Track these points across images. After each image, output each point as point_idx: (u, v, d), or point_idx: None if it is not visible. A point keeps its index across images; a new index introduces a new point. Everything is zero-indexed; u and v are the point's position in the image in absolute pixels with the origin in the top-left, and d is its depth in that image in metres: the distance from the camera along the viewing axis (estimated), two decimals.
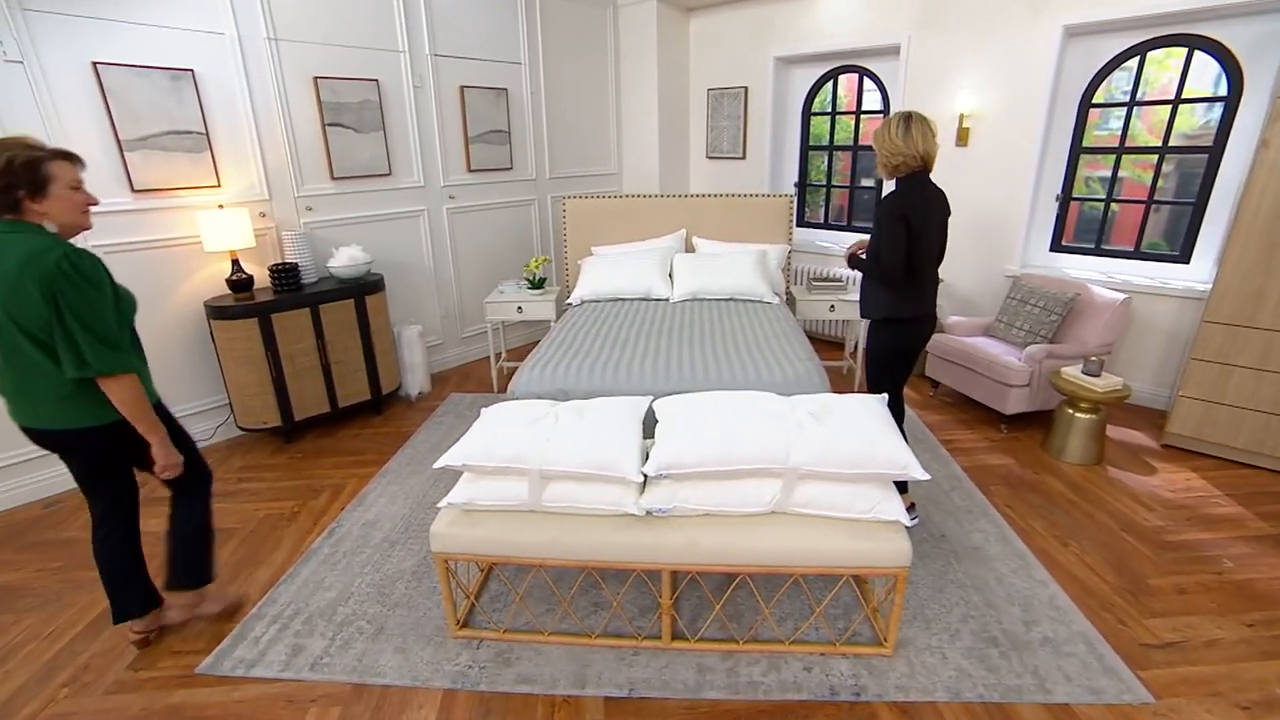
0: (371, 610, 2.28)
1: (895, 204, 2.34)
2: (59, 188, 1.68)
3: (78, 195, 1.74)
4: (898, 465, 1.91)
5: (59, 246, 1.64)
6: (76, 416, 1.78)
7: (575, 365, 2.65)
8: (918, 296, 2.46)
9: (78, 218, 1.75)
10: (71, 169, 1.73)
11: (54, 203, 1.68)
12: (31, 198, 1.65)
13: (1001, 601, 2.27)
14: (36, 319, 1.63)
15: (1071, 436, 3.21)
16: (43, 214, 1.67)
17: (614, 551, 1.96)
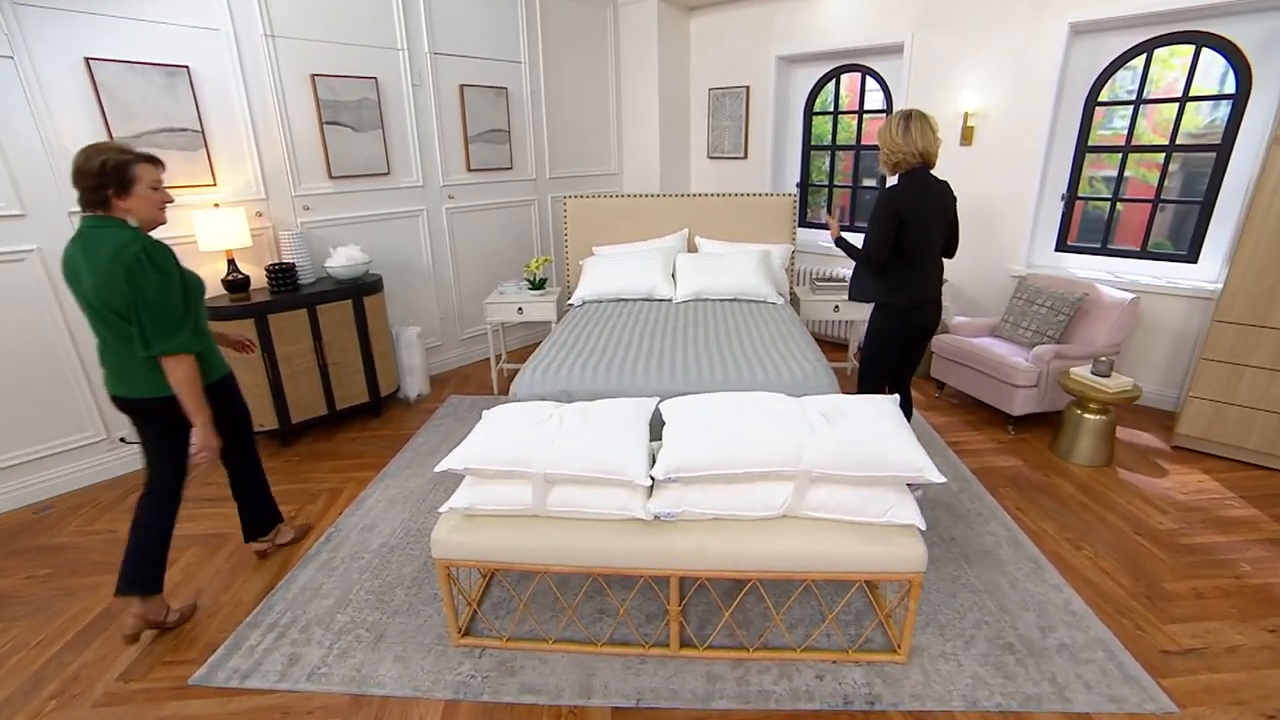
0: (370, 618, 2.22)
1: (891, 199, 2.47)
2: (141, 187, 1.88)
3: (156, 194, 1.94)
4: (913, 468, 1.86)
5: (139, 239, 1.85)
6: (146, 385, 2.00)
7: (579, 366, 2.60)
8: (911, 284, 2.58)
9: (155, 214, 1.95)
10: (154, 171, 1.93)
11: (136, 200, 1.88)
12: (118, 195, 1.85)
13: (1016, 607, 2.22)
14: (124, 302, 1.85)
15: (1081, 438, 3.16)
16: (126, 210, 1.87)
17: (620, 557, 1.90)
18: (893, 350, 2.72)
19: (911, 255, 2.52)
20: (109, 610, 2.28)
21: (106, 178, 1.82)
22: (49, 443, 3.03)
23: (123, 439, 3.24)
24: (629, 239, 4.15)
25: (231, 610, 2.28)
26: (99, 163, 1.80)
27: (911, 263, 2.54)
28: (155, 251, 1.86)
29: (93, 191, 1.83)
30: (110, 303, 1.86)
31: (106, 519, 2.86)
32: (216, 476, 3.20)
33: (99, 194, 1.83)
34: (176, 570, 2.50)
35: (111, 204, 1.85)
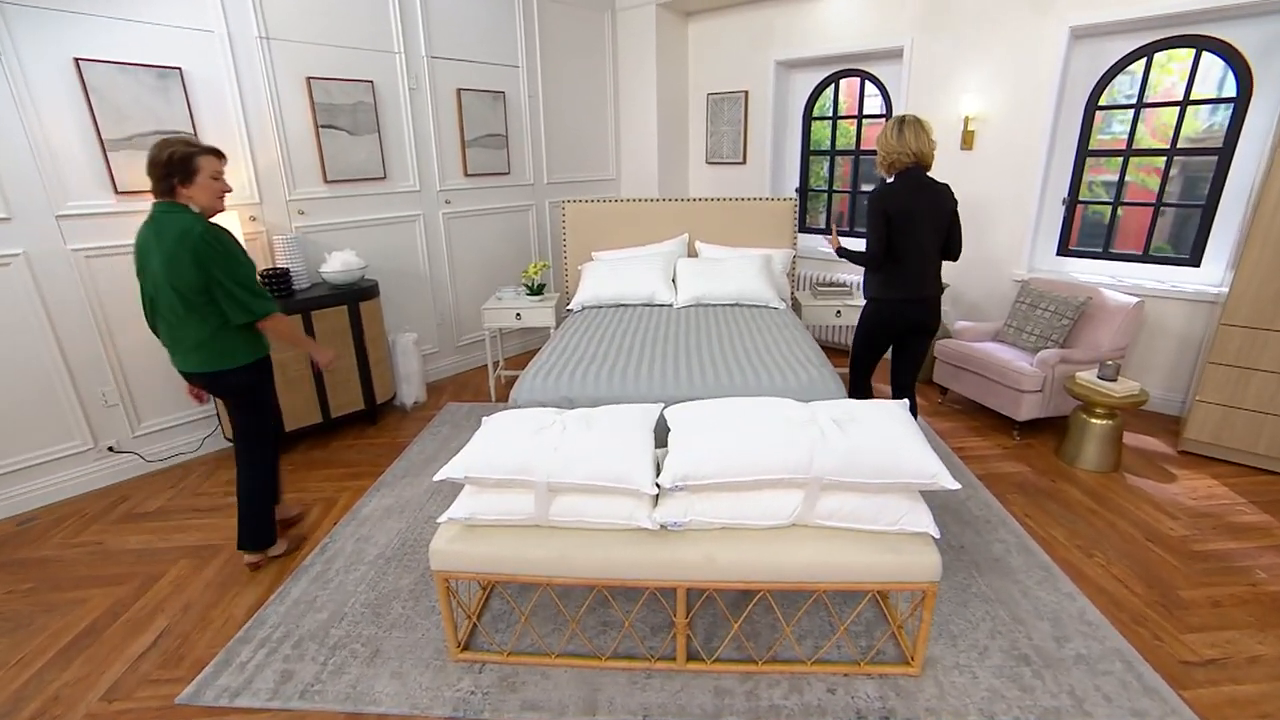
0: (366, 632, 2.14)
1: (878, 199, 2.64)
2: (203, 177, 2.07)
3: (216, 184, 2.12)
4: (927, 474, 1.81)
5: (200, 223, 2.05)
6: (217, 360, 2.20)
7: (580, 372, 2.54)
8: (899, 279, 2.71)
9: (215, 202, 2.14)
10: (216, 162, 2.11)
11: (198, 189, 2.08)
12: (182, 184, 2.05)
13: (1029, 616, 2.17)
14: (188, 283, 2.05)
15: (1087, 443, 3.12)
16: (189, 197, 2.07)
17: (626, 568, 1.84)
18: (879, 342, 2.88)
19: (899, 252, 2.66)
20: (93, 626, 2.20)
21: (173, 168, 2.02)
22: (34, 452, 2.95)
23: (111, 448, 3.16)
24: (628, 244, 4.10)
25: (222, 625, 2.20)
26: (167, 154, 2.01)
27: (899, 259, 2.67)
28: (218, 234, 2.07)
29: (161, 180, 2.04)
30: (178, 283, 2.06)
31: (92, 530, 2.77)
32: (208, 486, 3.13)
33: (166, 182, 2.04)
34: (165, 582, 2.42)
35: (177, 191, 2.06)
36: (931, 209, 2.63)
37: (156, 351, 3.24)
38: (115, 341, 3.11)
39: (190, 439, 3.42)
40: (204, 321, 2.14)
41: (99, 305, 3.03)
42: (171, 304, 2.11)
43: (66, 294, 2.94)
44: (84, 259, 2.96)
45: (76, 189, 2.91)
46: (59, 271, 2.90)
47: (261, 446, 2.43)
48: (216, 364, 2.20)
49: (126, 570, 2.50)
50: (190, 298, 2.08)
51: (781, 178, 5.20)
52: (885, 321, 2.81)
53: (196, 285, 2.06)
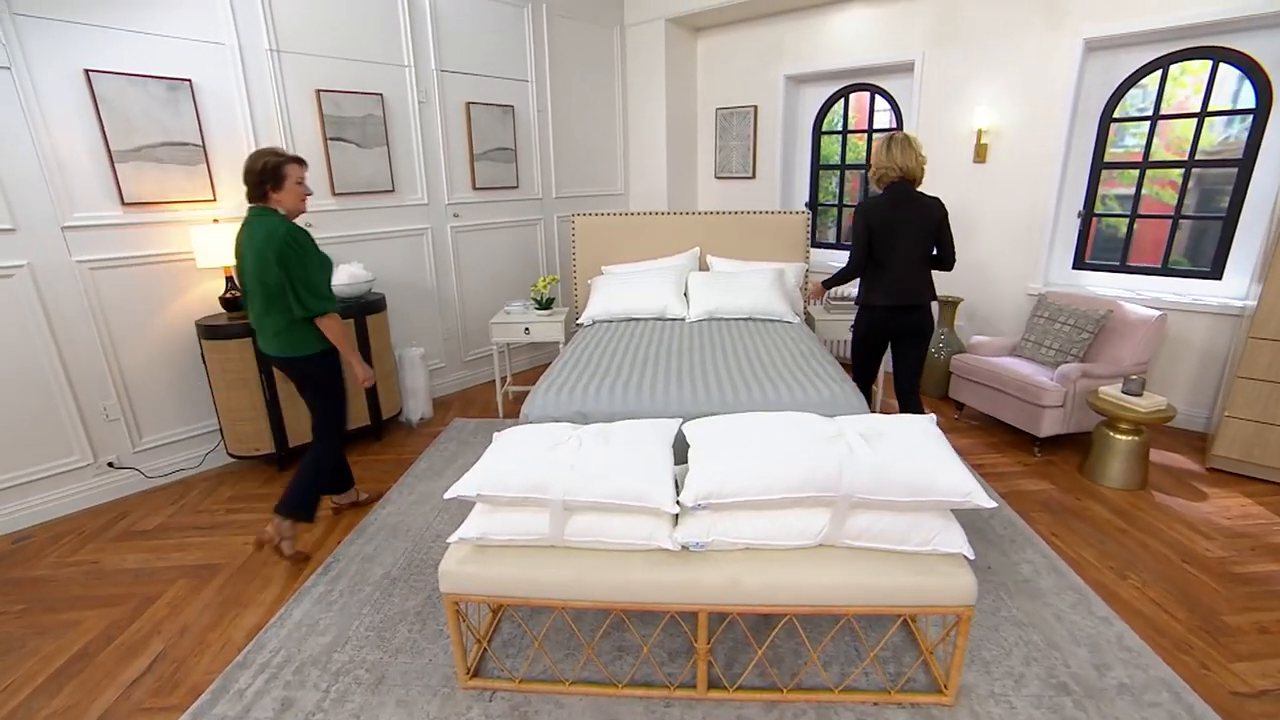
0: (371, 657, 2.05)
1: (860, 211, 2.83)
2: (290, 183, 2.34)
3: (300, 188, 2.39)
4: (960, 492, 1.73)
5: (285, 225, 2.30)
6: (291, 347, 2.44)
7: (594, 386, 2.47)
8: (883, 285, 2.85)
9: (298, 205, 2.41)
10: (300, 170, 2.38)
11: (285, 194, 2.34)
12: (273, 189, 2.32)
13: (1065, 642, 2.06)
14: (271, 278, 2.30)
15: (1112, 460, 3.03)
16: (278, 201, 2.34)
17: (646, 591, 1.75)
18: (872, 346, 3.03)
19: (883, 259, 2.82)
20: (86, 649, 2.11)
21: (266, 175, 2.29)
22: (32, 467, 2.88)
23: (111, 464, 3.09)
24: (638, 258, 4.06)
25: (220, 649, 2.11)
26: (261, 164, 2.28)
27: (883, 265, 2.83)
28: (299, 235, 2.30)
29: (256, 187, 2.31)
30: (264, 278, 2.30)
31: (89, 549, 2.69)
32: (209, 504, 3.05)
33: (260, 189, 2.31)
34: (162, 604, 2.33)
35: (268, 196, 2.32)
36: (916, 220, 2.77)
37: (159, 365, 3.19)
38: (118, 354, 3.05)
39: (192, 455, 3.35)
40: (283, 313, 2.38)
41: (103, 318, 2.98)
42: (258, 296, 2.37)
43: (70, 306, 2.89)
44: (89, 271, 2.91)
45: (83, 200, 2.87)
46: (63, 283, 2.86)
47: (333, 428, 2.63)
48: (290, 350, 2.45)
49: (123, 591, 2.41)
50: (273, 291, 2.33)
51: (791, 192, 5.17)
52: (874, 326, 2.94)
53: (277, 280, 2.31)
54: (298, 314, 2.35)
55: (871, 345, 3.01)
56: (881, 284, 2.84)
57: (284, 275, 2.29)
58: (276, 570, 2.53)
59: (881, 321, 2.90)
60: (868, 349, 3.03)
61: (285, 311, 2.37)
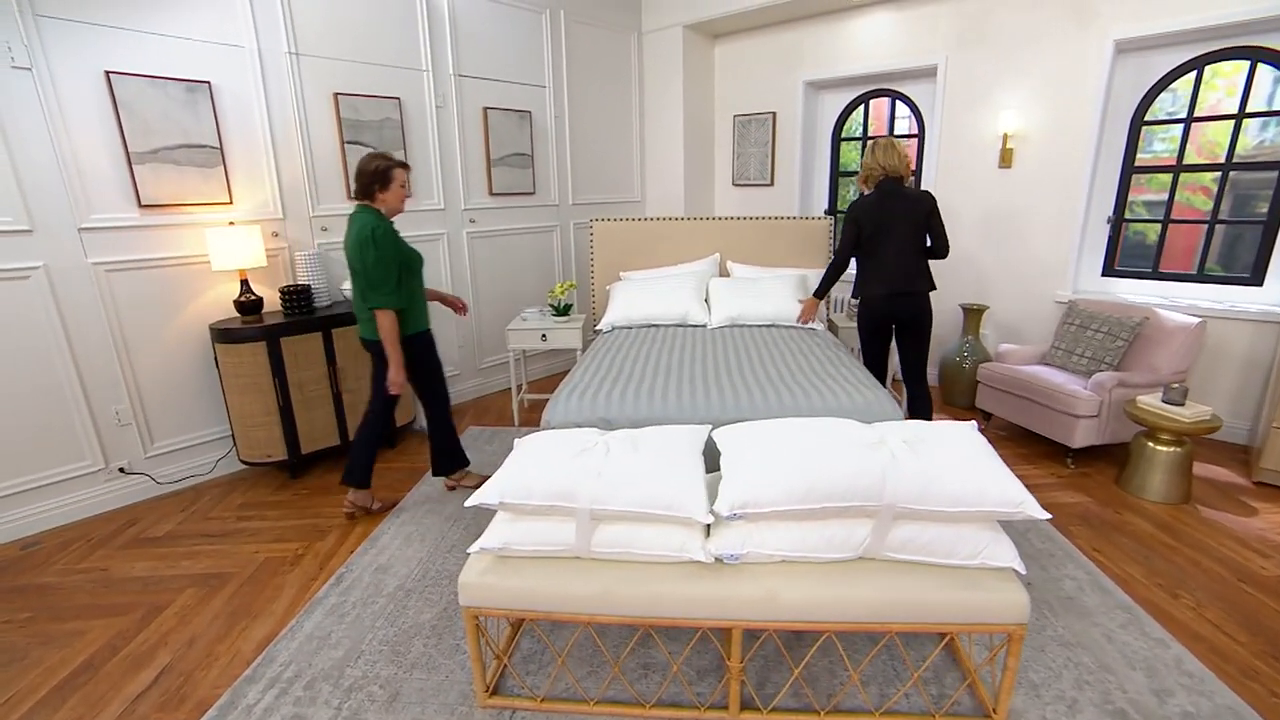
0: (385, 672, 1.96)
1: (851, 209, 3.05)
2: (395, 185, 2.57)
3: (401, 191, 2.61)
4: (1012, 502, 1.63)
5: (374, 221, 2.51)
6: (372, 331, 2.65)
7: (617, 392, 2.39)
8: (878, 276, 3.01)
9: (399, 205, 2.64)
10: (404, 174, 2.60)
11: (389, 195, 2.58)
12: (380, 190, 2.55)
13: (1119, 664, 1.94)
14: (356, 266, 2.55)
15: (1153, 472, 2.91)
16: (382, 200, 2.57)
17: (677, 606, 1.66)
18: (877, 335, 3.14)
19: (877, 251, 2.99)
20: (91, 660, 2.03)
21: (376, 177, 2.52)
22: (43, 472, 2.83)
23: (122, 469, 3.03)
24: (657, 264, 3.99)
25: (229, 662, 2.03)
26: (374, 166, 2.52)
27: (877, 257, 3.00)
28: (381, 234, 2.49)
29: (366, 187, 2.54)
30: (354, 265, 2.55)
31: (97, 556, 2.62)
32: (219, 511, 2.98)
33: (369, 188, 2.54)
34: (170, 613, 2.26)
35: (374, 196, 2.55)
36: (906, 212, 2.94)
37: (172, 369, 3.14)
38: (132, 358, 3.01)
39: (204, 461, 3.29)
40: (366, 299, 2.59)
41: (117, 320, 2.94)
42: (354, 283, 2.61)
43: (85, 309, 2.85)
44: (104, 273, 2.87)
45: (100, 202, 2.84)
46: (79, 285, 2.82)
47: (432, 400, 2.87)
48: (371, 334, 2.66)
49: (130, 600, 2.34)
50: (361, 279, 2.54)
51: (810, 199, 5.10)
52: (873, 315, 3.08)
53: (362, 269, 2.52)
54: (369, 303, 2.56)
55: (875, 335, 3.14)
56: (875, 274, 3.01)
57: (362, 265, 2.51)
58: (287, 580, 2.45)
59: (879, 310, 3.04)
60: (871, 339, 3.16)
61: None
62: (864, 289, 3.07)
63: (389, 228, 2.54)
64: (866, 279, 3.05)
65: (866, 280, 3.05)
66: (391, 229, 2.56)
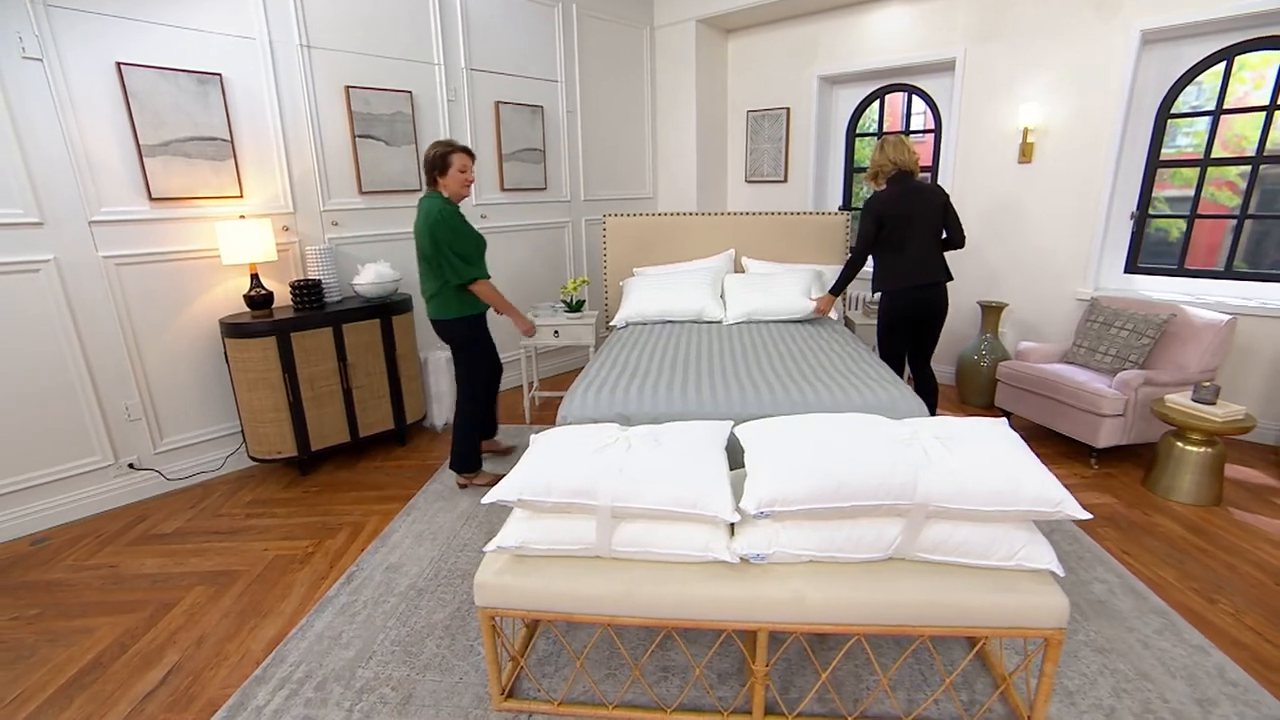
0: (397, 674, 1.91)
1: (870, 203, 3.02)
2: (453, 170, 2.66)
3: (463, 175, 2.69)
4: (1050, 501, 1.56)
5: (441, 206, 2.63)
6: (439, 311, 2.78)
7: (635, 387, 2.34)
8: (902, 268, 3.01)
9: (461, 190, 2.72)
10: (464, 159, 2.68)
11: (450, 180, 2.67)
12: (440, 175, 2.66)
13: (1157, 672, 1.87)
14: (425, 250, 2.66)
15: (1182, 473, 2.83)
16: (443, 186, 2.68)
17: (701, 607, 1.60)
18: (900, 329, 3.11)
19: (899, 244, 2.99)
20: (99, 659, 1.99)
21: (435, 164, 2.64)
22: (52, 467, 2.80)
23: (131, 465, 3.00)
24: (671, 260, 3.93)
25: (238, 661, 1.99)
26: (434, 153, 2.64)
27: (899, 250, 2.99)
28: (449, 216, 2.63)
29: (428, 174, 2.68)
30: (423, 251, 2.67)
31: (106, 553, 2.59)
32: (229, 507, 2.95)
33: (431, 175, 2.67)
34: (179, 612, 2.22)
35: (437, 182, 2.67)
36: (921, 206, 2.97)
37: (182, 364, 3.11)
38: (142, 353, 2.98)
39: (214, 457, 3.26)
40: (434, 280, 2.72)
41: (127, 315, 2.91)
42: (421, 266, 2.74)
43: (95, 302, 2.82)
44: (115, 266, 2.84)
45: (111, 195, 2.81)
46: (89, 279, 2.79)
47: (470, 387, 2.92)
48: (440, 314, 2.78)
49: (139, 597, 2.30)
50: (429, 262, 2.67)
51: (824, 196, 5.03)
52: (899, 308, 3.06)
53: (430, 253, 2.63)
54: (452, 281, 2.68)
55: (899, 329, 3.12)
56: (901, 266, 3.00)
57: (435, 248, 2.61)
58: (297, 578, 2.41)
59: (906, 302, 3.03)
60: (894, 334, 3.13)
61: (437, 279, 2.71)
62: (888, 282, 3.05)
63: (453, 209, 2.67)
64: (890, 272, 3.03)
65: (890, 274, 3.03)
66: (454, 210, 2.67)
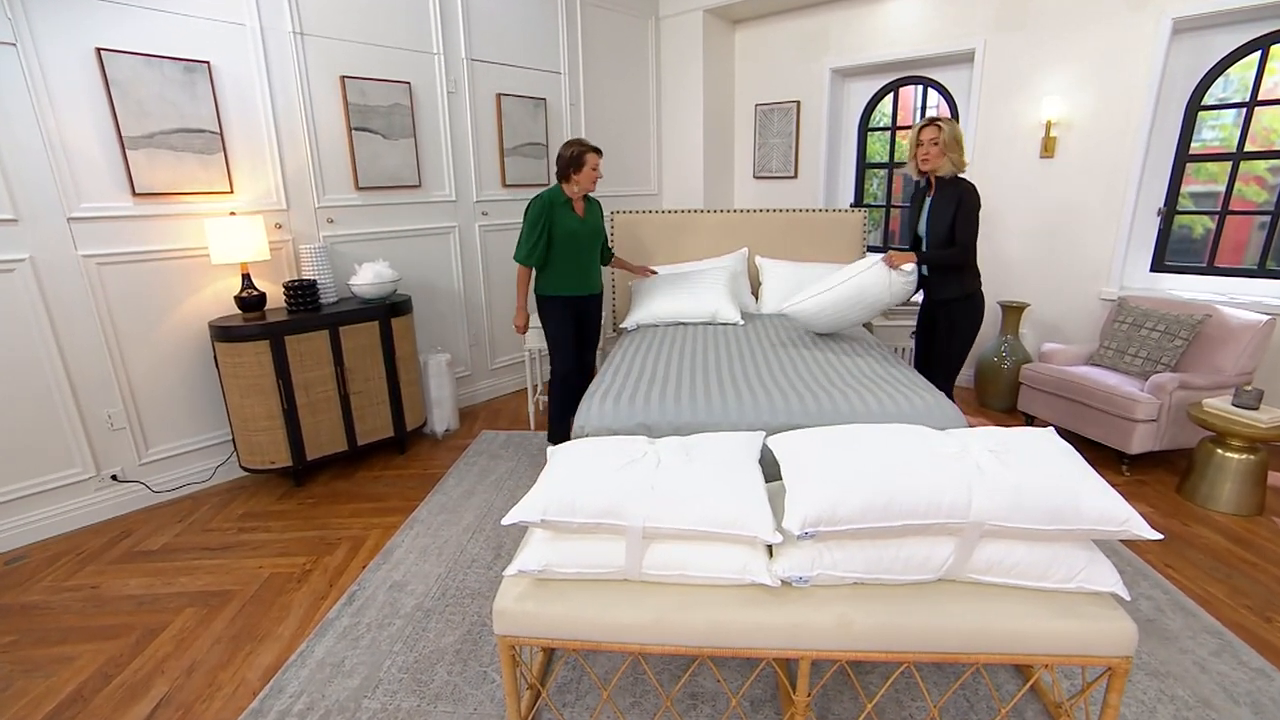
0: (406, 704, 1.77)
1: (977, 193, 2.71)
2: (587, 169, 2.87)
3: (593, 173, 2.89)
4: (1116, 520, 1.43)
5: (545, 194, 2.90)
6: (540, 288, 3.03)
7: (655, 394, 2.19)
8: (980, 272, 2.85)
9: (589, 185, 2.92)
10: (595, 158, 2.88)
11: (583, 176, 2.88)
12: (574, 173, 2.87)
13: (1220, 700, 1.75)
14: None
15: (1222, 480, 2.72)
16: (576, 181, 2.88)
17: (738, 634, 1.46)
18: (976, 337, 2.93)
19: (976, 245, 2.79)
20: (80, 691, 1.84)
21: (570, 163, 2.85)
22: (29, 480, 2.63)
23: (114, 477, 2.83)
24: (680, 259, 3.79)
25: (233, 692, 1.84)
26: (571, 153, 2.84)
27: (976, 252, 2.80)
28: (533, 203, 2.88)
29: (563, 170, 2.88)
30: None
31: (88, 572, 2.43)
32: (218, 521, 2.79)
33: (564, 172, 2.88)
34: (167, 637, 2.06)
35: (570, 178, 2.88)
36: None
37: (168, 370, 2.94)
38: (125, 358, 2.81)
39: (203, 467, 3.09)
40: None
41: (109, 317, 2.74)
42: None
43: (74, 304, 2.65)
44: (95, 266, 2.68)
45: (91, 190, 2.65)
46: (68, 279, 2.62)
47: (555, 366, 3.06)
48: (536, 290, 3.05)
49: (123, 621, 2.15)
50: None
51: (835, 193, 4.90)
52: (983, 311, 2.88)
53: None
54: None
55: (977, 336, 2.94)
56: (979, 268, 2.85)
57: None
58: (295, 598, 2.25)
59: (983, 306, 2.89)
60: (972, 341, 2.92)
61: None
62: (976, 282, 2.81)
63: (548, 201, 2.88)
64: (976, 272, 2.82)
65: (976, 274, 2.82)
66: (547, 201, 2.87)
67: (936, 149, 2.68)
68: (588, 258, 3.04)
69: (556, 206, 2.88)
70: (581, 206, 2.99)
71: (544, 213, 2.86)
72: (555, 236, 2.90)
